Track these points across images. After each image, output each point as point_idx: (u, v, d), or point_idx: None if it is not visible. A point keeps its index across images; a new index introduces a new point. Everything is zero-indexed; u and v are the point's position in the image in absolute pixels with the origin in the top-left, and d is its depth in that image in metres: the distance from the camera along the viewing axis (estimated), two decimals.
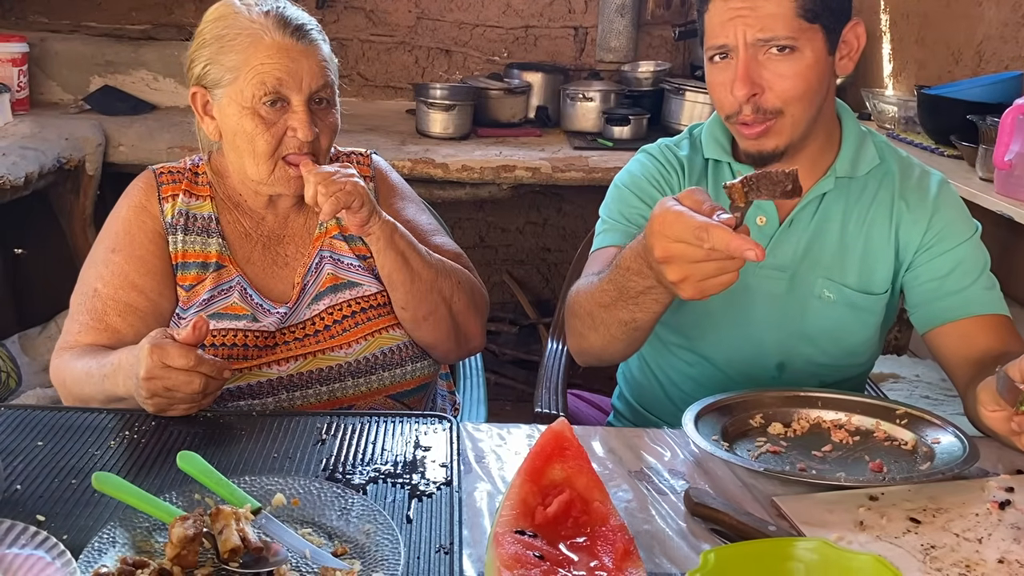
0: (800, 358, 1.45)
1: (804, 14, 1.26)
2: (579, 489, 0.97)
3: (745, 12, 1.27)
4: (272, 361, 1.39)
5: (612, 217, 1.47)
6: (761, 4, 1.26)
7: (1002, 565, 0.97)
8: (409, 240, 1.41)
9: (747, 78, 1.28)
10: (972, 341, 1.35)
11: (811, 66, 1.28)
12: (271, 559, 0.90)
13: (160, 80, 3.23)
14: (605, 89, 3.20)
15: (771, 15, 1.26)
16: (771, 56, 1.28)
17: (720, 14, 1.29)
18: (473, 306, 1.49)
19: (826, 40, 1.29)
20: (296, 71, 1.35)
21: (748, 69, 1.28)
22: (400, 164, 2.71)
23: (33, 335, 2.88)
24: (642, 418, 1.61)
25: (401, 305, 1.43)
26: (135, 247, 1.41)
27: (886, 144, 1.47)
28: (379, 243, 1.37)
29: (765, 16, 1.26)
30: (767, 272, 1.42)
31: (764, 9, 1.26)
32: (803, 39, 1.27)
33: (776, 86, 1.28)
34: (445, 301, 1.44)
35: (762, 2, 1.26)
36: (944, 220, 1.40)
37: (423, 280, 1.41)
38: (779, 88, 1.28)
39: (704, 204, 1.00)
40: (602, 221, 1.49)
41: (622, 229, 1.44)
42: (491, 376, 3.27)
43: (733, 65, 1.29)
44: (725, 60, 1.31)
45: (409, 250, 1.40)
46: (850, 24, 1.33)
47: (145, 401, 1.18)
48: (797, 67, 1.28)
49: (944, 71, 2.66)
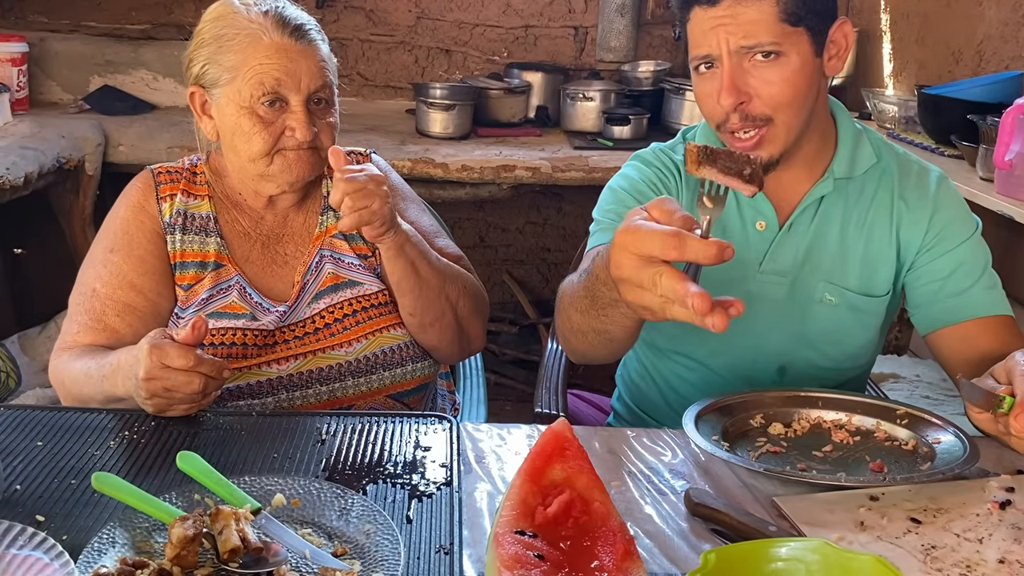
0: (801, 362, 1.44)
1: (787, 18, 1.24)
2: (579, 489, 0.97)
3: (727, 20, 1.25)
4: (272, 360, 1.39)
5: (607, 217, 1.44)
6: (742, 11, 1.24)
7: (1003, 565, 0.96)
8: (420, 247, 1.40)
9: (733, 87, 1.26)
10: (973, 343, 1.35)
11: (798, 70, 1.27)
12: (271, 559, 0.90)
13: (160, 80, 3.23)
14: (605, 89, 3.20)
15: (753, 21, 1.24)
16: (756, 63, 1.26)
17: (701, 23, 1.27)
18: (477, 310, 1.50)
19: (812, 42, 1.28)
20: (294, 71, 1.35)
21: (733, 77, 1.26)
22: (400, 164, 2.71)
23: (33, 335, 2.88)
24: (641, 422, 1.60)
25: (409, 311, 1.43)
26: (133, 247, 1.41)
27: (882, 141, 1.46)
28: (390, 251, 1.36)
29: (747, 23, 1.24)
30: (768, 277, 1.41)
31: (745, 16, 1.24)
32: (787, 43, 1.25)
33: (763, 93, 1.27)
34: (451, 306, 1.44)
35: (743, 9, 1.24)
36: (945, 219, 1.40)
37: (431, 287, 1.41)
38: (766, 95, 1.27)
39: (675, 214, 0.90)
40: (596, 222, 1.46)
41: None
42: (491, 376, 3.27)
43: (718, 74, 1.28)
44: (711, 70, 1.30)
45: (419, 258, 1.39)
46: (836, 24, 1.31)
47: (144, 401, 1.18)
48: (783, 72, 1.26)
49: (944, 71, 2.66)
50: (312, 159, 1.40)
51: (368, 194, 1.26)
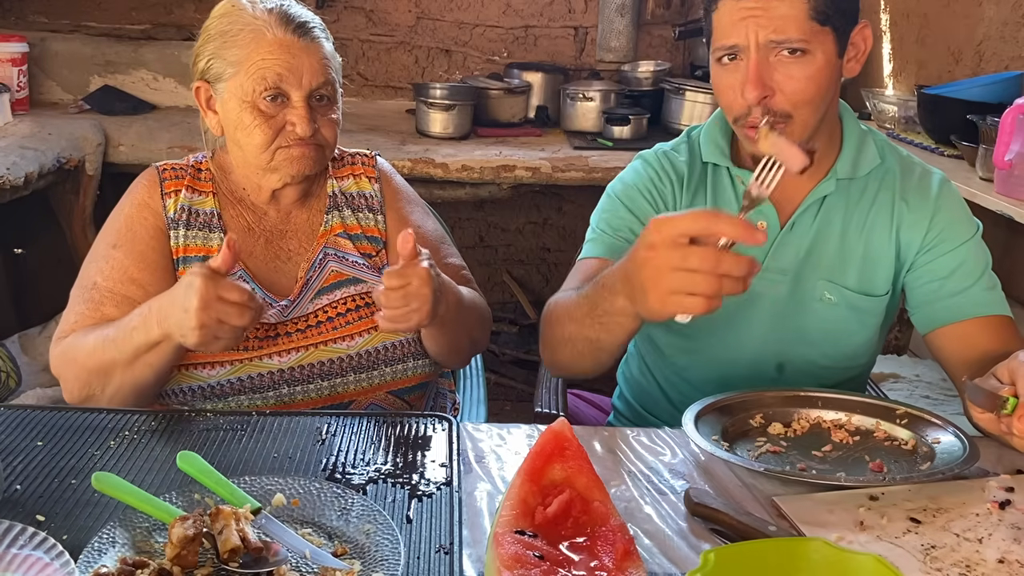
0: (800, 360, 1.45)
1: (816, 16, 1.24)
2: (579, 489, 0.97)
3: (758, 12, 1.24)
4: (273, 352, 1.40)
5: (600, 227, 1.46)
6: (774, 5, 1.23)
7: (1002, 565, 0.97)
8: (450, 302, 1.34)
9: (759, 80, 1.25)
10: (973, 342, 1.35)
11: (821, 69, 1.26)
12: (271, 559, 0.90)
13: (160, 80, 3.23)
14: (605, 89, 3.19)
15: (784, 16, 1.23)
16: (782, 58, 1.25)
17: (731, 13, 1.26)
18: (485, 329, 1.54)
19: (836, 42, 1.27)
20: (296, 67, 1.36)
21: (759, 71, 1.25)
22: (400, 164, 2.71)
23: (33, 335, 2.87)
24: (642, 419, 1.61)
25: (432, 351, 1.46)
26: (136, 242, 1.41)
27: (886, 143, 1.46)
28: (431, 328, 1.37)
29: (778, 17, 1.23)
30: (769, 275, 1.41)
31: (777, 10, 1.23)
32: (815, 41, 1.25)
33: (787, 89, 1.26)
34: (469, 337, 1.48)
35: (776, 3, 1.23)
36: (945, 220, 1.40)
37: (455, 332, 1.43)
38: (789, 91, 1.26)
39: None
40: (591, 230, 1.47)
41: (608, 241, 1.43)
42: (491, 376, 3.27)
43: (743, 66, 1.26)
44: (734, 61, 1.28)
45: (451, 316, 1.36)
46: (858, 27, 1.31)
47: (192, 330, 1.17)
48: (808, 70, 1.25)
49: (944, 71, 2.66)
50: (314, 154, 1.41)
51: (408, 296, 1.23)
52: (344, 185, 1.53)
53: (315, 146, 1.40)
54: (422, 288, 1.22)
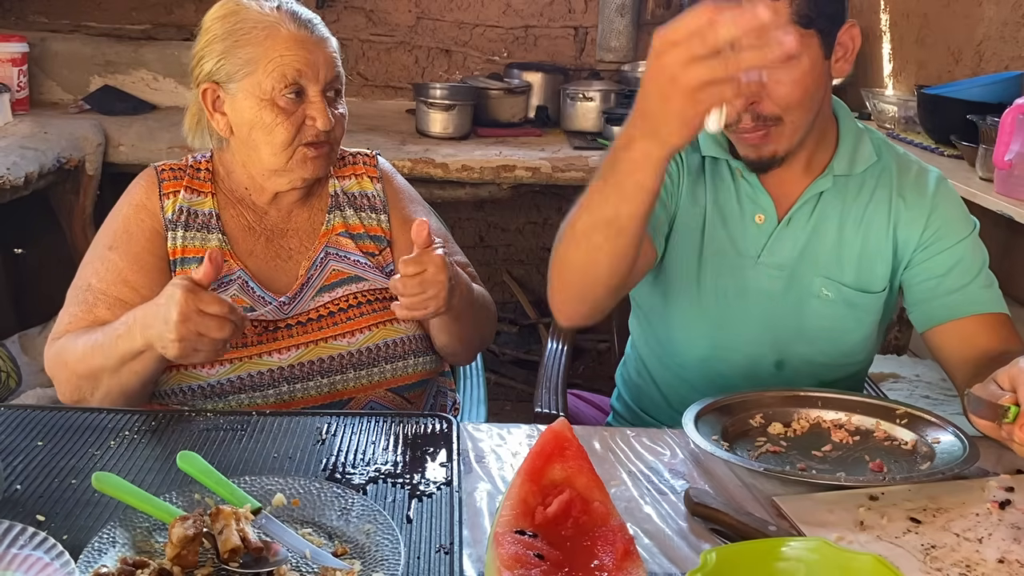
0: (798, 357, 1.45)
1: (800, 20, 1.25)
2: (579, 489, 0.97)
3: None
4: (273, 349, 1.40)
5: None
6: None
7: (1002, 565, 0.97)
8: (463, 292, 1.37)
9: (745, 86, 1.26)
10: (971, 340, 1.35)
11: (808, 72, 1.27)
12: (271, 559, 0.90)
13: (160, 80, 3.23)
14: (605, 89, 3.20)
15: None
16: None
17: None
18: (492, 325, 1.56)
19: (822, 44, 1.28)
20: (313, 62, 1.38)
21: None
22: (400, 164, 2.71)
23: (33, 335, 2.87)
24: (640, 420, 1.61)
25: (442, 344, 1.47)
26: (132, 244, 1.41)
27: (883, 141, 1.47)
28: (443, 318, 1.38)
29: None
30: (765, 271, 1.42)
31: None
32: (799, 46, 1.25)
33: (774, 93, 1.27)
34: (479, 330, 1.50)
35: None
36: (942, 218, 1.40)
37: (467, 323, 1.44)
38: (777, 95, 1.27)
39: None
40: None
41: None
42: (491, 376, 3.27)
43: None
44: None
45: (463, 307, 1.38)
46: (845, 27, 1.31)
47: (171, 343, 1.17)
48: (794, 74, 1.26)
49: (944, 71, 2.66)
50: (328, 155, 1.44)
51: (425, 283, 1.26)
52: (346, 185, 1.53)
53: (329, 147, 1.42)
54: (438, 275, 1.25)
